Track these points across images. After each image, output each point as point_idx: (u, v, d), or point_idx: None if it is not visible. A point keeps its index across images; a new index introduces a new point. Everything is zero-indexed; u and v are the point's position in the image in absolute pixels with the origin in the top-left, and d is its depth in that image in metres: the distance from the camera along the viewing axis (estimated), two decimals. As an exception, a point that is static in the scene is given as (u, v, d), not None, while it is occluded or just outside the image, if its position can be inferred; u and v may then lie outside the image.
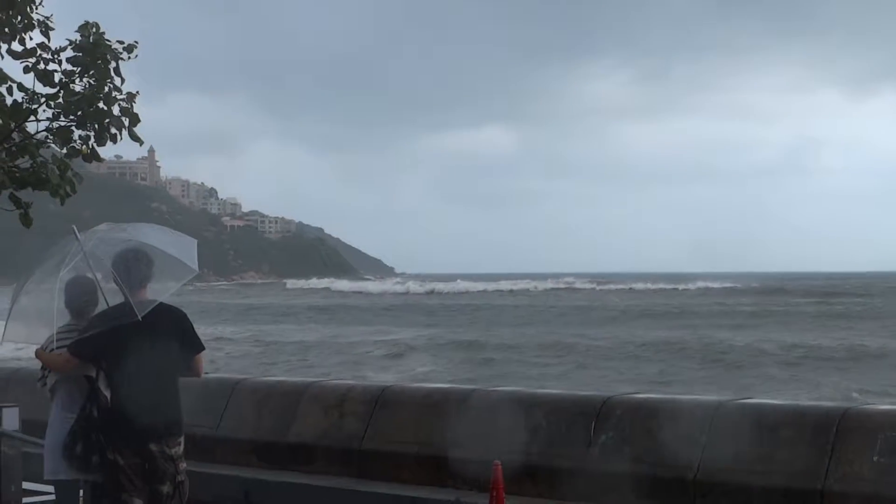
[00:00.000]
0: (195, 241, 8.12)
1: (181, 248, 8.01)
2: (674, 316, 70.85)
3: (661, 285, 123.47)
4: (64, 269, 7.95)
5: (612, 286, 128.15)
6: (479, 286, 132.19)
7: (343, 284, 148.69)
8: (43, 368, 8.12)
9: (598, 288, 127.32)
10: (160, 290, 7.85)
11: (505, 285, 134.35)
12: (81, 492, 8.05)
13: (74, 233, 7.97)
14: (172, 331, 7.86)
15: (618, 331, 55.46)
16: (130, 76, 10.35)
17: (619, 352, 44.44)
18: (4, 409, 9.69)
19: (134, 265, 7.75)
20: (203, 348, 8.06)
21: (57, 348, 7.86)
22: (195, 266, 7.86)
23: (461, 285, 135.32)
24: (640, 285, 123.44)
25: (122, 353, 7.66)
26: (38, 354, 8.00)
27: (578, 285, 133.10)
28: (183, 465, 7.84)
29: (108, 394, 7.69)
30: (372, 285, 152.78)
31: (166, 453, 7.69)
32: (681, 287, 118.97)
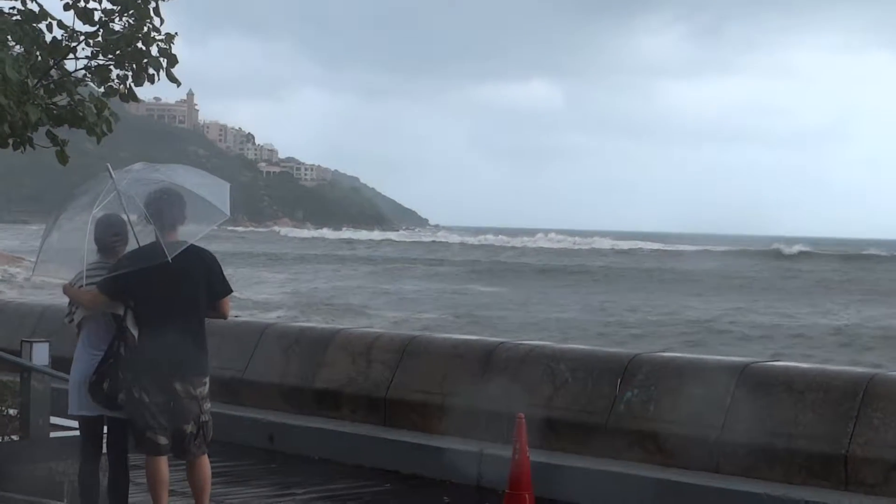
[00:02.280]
0: (228, 185, 8.10)
1: (214, 191, 8.00)
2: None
3: (726, 247, 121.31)
4: (96, 207, 7.94)
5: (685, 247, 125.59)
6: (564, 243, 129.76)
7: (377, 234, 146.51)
8: (70, 304, 8.16)
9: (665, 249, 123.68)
10: (190, 233, 7.88)
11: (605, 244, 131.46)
12: (106, 428, 8.12)
13: (109, 171, 7.98)
14: (201, 272, 7.88)
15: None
16: (171, 16, 10.35)
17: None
18: (35, 345, 9.74)
19: (166, 206, 7.77)
20: (230, 291, 8.09)
21: (86, 285, 7.90)
22: (227, 210, 7.86)
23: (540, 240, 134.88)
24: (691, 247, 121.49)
25: (151, 293, 7.71)
26: (65, 290, 8.03)
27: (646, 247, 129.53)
28: (207, 406, 7.90)
29: (135, 332, 7.75)
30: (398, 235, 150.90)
31: (191, 393, 7.75)
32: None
